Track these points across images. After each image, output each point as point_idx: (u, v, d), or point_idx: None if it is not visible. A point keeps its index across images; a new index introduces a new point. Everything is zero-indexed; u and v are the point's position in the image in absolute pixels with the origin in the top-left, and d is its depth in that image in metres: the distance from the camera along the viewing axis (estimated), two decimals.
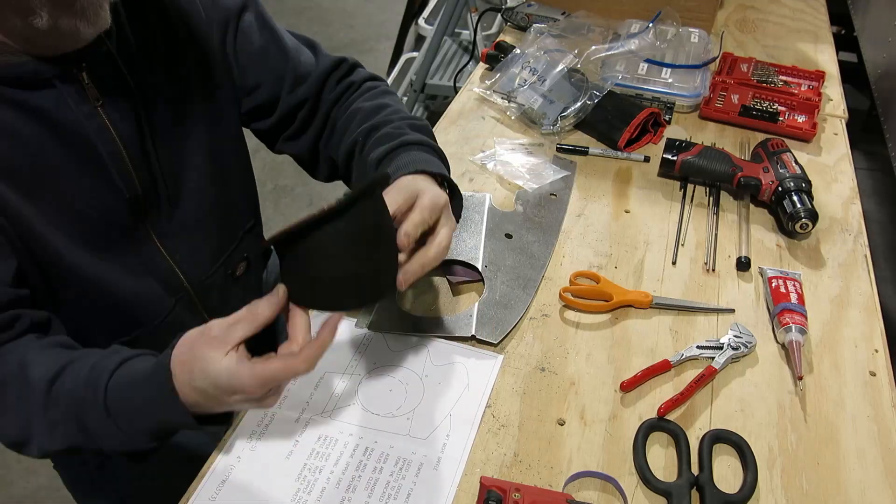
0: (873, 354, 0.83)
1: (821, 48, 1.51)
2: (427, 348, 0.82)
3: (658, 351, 0.82)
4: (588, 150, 1.15)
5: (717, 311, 0.88)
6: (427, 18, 2.92)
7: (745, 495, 0.68)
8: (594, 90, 1.19)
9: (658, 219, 1.03)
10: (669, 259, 0.95)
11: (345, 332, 0.84)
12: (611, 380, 0.79)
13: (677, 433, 0.73)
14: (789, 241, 0.99)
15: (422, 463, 0.70)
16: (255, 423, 0.74)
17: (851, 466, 0.71)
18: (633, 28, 1.36)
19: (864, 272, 0.94)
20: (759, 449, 0.72)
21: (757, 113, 1.21)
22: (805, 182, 1.00)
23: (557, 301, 0.88)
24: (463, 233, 0.94)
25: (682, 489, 0.67)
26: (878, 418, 0.76)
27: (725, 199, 1.06)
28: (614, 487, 0.69)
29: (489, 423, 0.74)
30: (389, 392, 0.77)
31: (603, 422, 0.75)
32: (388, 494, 0.68)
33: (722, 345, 0.82)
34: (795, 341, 0.80)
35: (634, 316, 0.87)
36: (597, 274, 0.91)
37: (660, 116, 1.19)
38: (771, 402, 0.77)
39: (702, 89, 1.25)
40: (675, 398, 0.75)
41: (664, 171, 1.10)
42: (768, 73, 1.31)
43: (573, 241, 0.98)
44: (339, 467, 0.70)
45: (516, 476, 0.69)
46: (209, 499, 0.67)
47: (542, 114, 1.19)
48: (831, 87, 1.36)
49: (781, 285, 0.87)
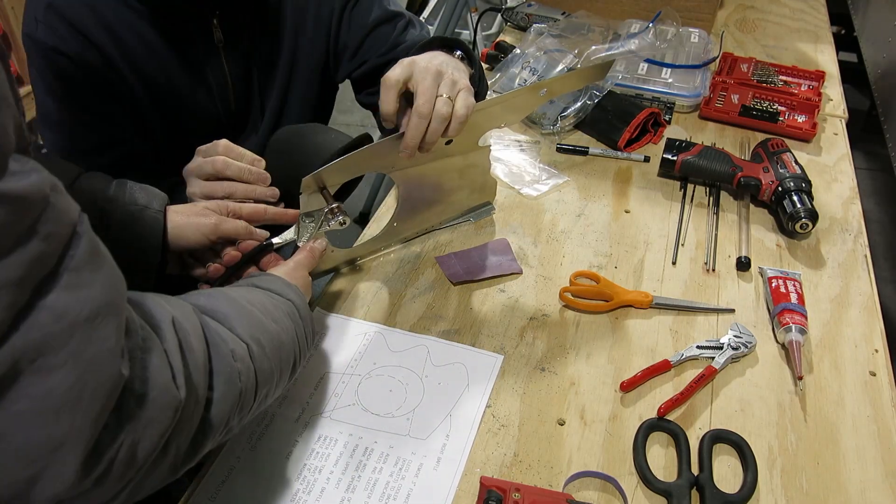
0: (873, 354, 0.83)
1: (821, 48, 1.51)
2: (427, 348, 0.82)
3: (658, 351, 0.82)
4: (588, 150, 1.15)
5: (717, 311, 0.88)
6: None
7: (745, 495, 0.68)
8: (594, 90, 1.19)
9: (658, 219, 1.02)
10: (669, 259, 0.95)
11: (345, 333, 0.84)
12: (611, 380, 0.79)
13: (677, 433, 0.73)
14: (789, 241, 0.99)
15: (421, 463, 0.70)
16: (256, 423, 0.74)
17: (851, 466, 0.71)
18: (633, 28, 1.36)
19: (864, 272, 0.94)
20: (759, 449, 0.72)
21: (757, 113, 1.21)
22: (805, 182, 1.00)
23: (557, 301, 0.88)
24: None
25: (682, 489, 0.67)
26: (878, 418, 0.76)
27: (725, 199, 1.06)
28: (614, 487, 0.69)
29: (489, 423, 0.74)
30: (389, 392, 0.77)
31: (603, 422, 0.75)
32: (388, 495, 0.68)
33: (722, 345, 0.82)
34: (795, 341, 0.80)
35: (634, 316, 0.87)
36: (597, 274, 0.91)
37: (660, 116, 1.19)
38: (771, 402, 0.77)
39: (702, 89, 1.25)
40: (675, 398, 0.75)
41: (664, 171, 1.10)
42: (768, 73, 1.32)
43: (573, 241, 0.98)
44: (339, 467, 0.70)
45: (516, 476, 0.69)
46: (209, 499, 0.67)
47: (542, 114, 1.19)
48: (831, 87, 1.36)
49: (781, 285, 0.87)
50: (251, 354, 0.55)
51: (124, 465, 0.43)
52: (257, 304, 0.61)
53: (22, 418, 0.37)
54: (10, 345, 0.35)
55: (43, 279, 0.37)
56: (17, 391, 0.37)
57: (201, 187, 0.82)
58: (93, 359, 0.39)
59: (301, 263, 0.75)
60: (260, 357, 0.56)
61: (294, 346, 0.63)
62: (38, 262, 0.36)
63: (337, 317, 0.86)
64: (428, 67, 0.76)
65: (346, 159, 0.78)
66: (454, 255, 0.94)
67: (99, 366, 0.40)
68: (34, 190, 0.36)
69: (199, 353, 0.49)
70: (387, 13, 1.00)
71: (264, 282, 0.67)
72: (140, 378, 0.43)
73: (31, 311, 0.36)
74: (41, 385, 0.37)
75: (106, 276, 0.41)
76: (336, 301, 0.88)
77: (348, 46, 1.01)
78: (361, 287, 0.91)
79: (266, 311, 0.61)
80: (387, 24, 1.00)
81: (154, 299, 0.50)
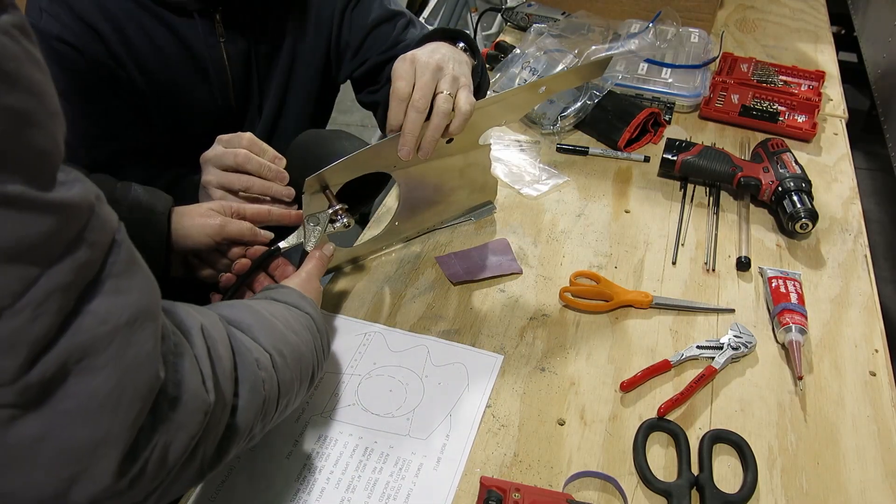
0: (873, 354, 0.83)
1: (821, 48, 1.51)
2: (427, 348, 0.82)
3: (658, 351, 0.82)
4: (588, 150, 1.15)
5: (717, 311, 0.88)
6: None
7: (745, 495, 0.68)
8: (594, 90, 1.19)
9: (658, 219, 1.02)
10: (669, 259, 0.95)
11: (345, 333, 0.84)
12: (611, 380, 0.79)
13: (677, 433, 0.73)
14: (789, 241, 0.99)
15: (421, 463, 0.70)
16: None
17: (851, 466, 0.71)
18: (633, 28, 1.36)
19: (864, 272, 0.94)
20: (759, 449, 0.72)
21: (757, 113, 1.21)
22: (805, 182, 1.00)
23: (557, 301, 0.88)
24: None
25: (682, 489, 0.67)
26: (878, 418, 0.76)
27: (725, 199, 1.06)
28: (614, 487, 0.69)
29: (489, 423, 0.74)
30: (389, 392, 0.77)
31: (603, 422, 0.75)
32: (388, 495, 0.68)
33: (722, 345, 0.82)
34: (795, 341, 0.80)
35: (634, 316, 0.87)
36: (597, 274, 0.91)
37: (660, 116, 1.19)
38: (771, 402, 0.77)
39: (702, 89, 1.25)
40: (675, 398, 0.75)
41: (664, 171, 1.09)
42: (768, 73, 1.32)
43: (573, 241, 0.98)
44: (339, 467, 0.70)
45: (516, 476, 0.69)
46: (209, 499, 0.67)
47: (542, 114, 1.19)
48: (831, 87, 1.36)
49: (781, 285, 0.87)
50: (274, 364, 0.56)
51: (157, 467, 0.44)
52: (279, 316, 0.62)
53: (67, 417, 0.38)
54: (59, 347, 0.37)
55: (87, 285, 0.39)
56: (65, 390, 0.38)
57: (218, 177, 0.82)
58: (132, 361, 0.41)
59: (312, 274, 0.75)
60: (282, 367, 0.57)
61: (312, 357, 0.64)
62: (84, 269, 0.38)
63: (337, 317, 0.86)
64: (428, 63, 0.76)
65: (348, 159, 0.78)
66: (454, 255, 0.94)
67: (138, 368, 0.41)
68: (82, 199, 0.38)
69: (226, 361, 0.50)
70: (388, 12, 1.01)
71: (282, 295, 0.67)
72: (173, 381, 0.45)
73: (76, 316, 0.38)
74: (86, 385, 0.39)
75: (142, 282, 0.43)
76: (336, 301, 0.88)
77: (350, 46, 1.01)
78: (361, 287, 0.91)
79: (287, 323, 0.62)
80: (387, 23, 1.00)
81: (184, 307, 0.51)
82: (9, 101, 0.34)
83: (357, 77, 1.04)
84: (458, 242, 0.98)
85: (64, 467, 0.39)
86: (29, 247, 0.35)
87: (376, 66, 1.01)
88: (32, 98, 0.36)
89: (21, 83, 0.35)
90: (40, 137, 0.36)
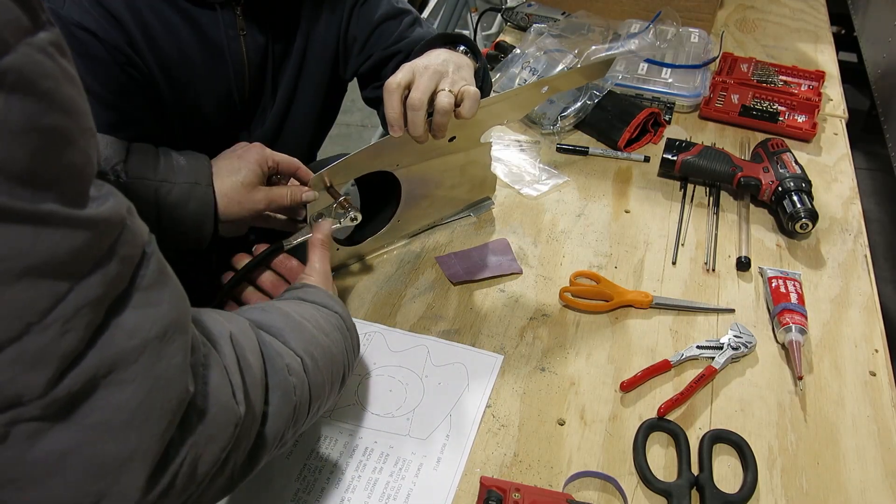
0: (873, 354, 0.83)
1: (821, 48, 1.51)
2: (427, 348, 0.82)
3: (658, 351, 0.82)
4: (588, 150, 1.15)
5: (717, 311, 0.88)
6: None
7: (745, 495, 0.68)
8: (594, 90, 1.19)
9: (658, 219, 1.02)
10: (669, 259, 0.95)
11: None
12: (611, 380, 0.79)
13: (677, 433, 0.73)
14: (789, 241, 0.99)
15: (421, 463, 0.70)
16: None
17: (851, 466, 0.71)
18: (633, 28, 1.36)
19: (864, 272, 0.94)
20: (759, 449, 0.72)
21: (757, 113, 1.21)
22: (805, 182, 1.00)
23: (557, 301, 0.88)
24: None
25: (682, 489, 0.67)
26: (878, 418, 0.76)
27: (725, 199, 1.06)
28: (614, 487, 0.69)
29: (489, 423, 0.74)
30: (389, 392, 0.77)
31: (603, 422, 0.75)
32: (388, 495, 0.68)
33: (722, 345, 0.82)
34: (795, 341, 0.80)
35: (634, 316, 0.87)
36: (597, 274, 0.91)
37: (660, 116, 1.19)
38: (771, 402, 0.77)
39: (702, 89, 1.25)
40: (675, 398, 0.75)
41: (664, 171, 1.09)
42: (768, 73, 1.32)
43: (573, 241, 0.98)
44: (339, 467, 0.70)
45: (516, 476, 0.69)
46: None
47: (542, 114, 1.19)
48: (831, 87, 1.36)
49: (781, 285, 0.87)
50: (305, 369, 0.56)
51: (186, 480, 0.43)
52: (309, 317, 0.61)
53: (95, 431, 0.38)
54: (87, 361, 0.37)
55: (116, 298, 0.38)
56: (93, 404, 0.37)
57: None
58: (162, 375, 0.40)
59: (326, 266, 0.74)
60: (314, 371, 0.57)
61: (343, 358, 0.63)
62: (114, 283, 0.38)
63: None
64: (427, 66, 0.77)
65: (351, 158, 0.78)
66: (454, 255, 0.94)
67: (168, 382, 0.41)
68: (114, 214, 0.38)
69: (256, 369, 0.50)
70: (394, 9, 1.02)
71: (310, 295, 0.67)
72: (202, 394, 0.44)
73: (105, 330, 0.38)
74: (114, 399, 0.38)
75: (172, 294, 0.42)
76: None
77: (357, 41, 1.03)
78: (361, 287, 0.91)
79: (318, 325, 0.61)
80: (393, 19, 1.02)
81: (211, 315, 0.50)
82: (45, 122, 0.34)
83: (362, 73, 1.05)
84: (458, 242, 0.98)
85: (91, 482, 0.38)
86: (60, 263, 0.35)
87: (380, 62, 1.02)
88: (67, 117, 0.35)
89: (56, 103, 0.35)
90: (74, 155, 0.36)
